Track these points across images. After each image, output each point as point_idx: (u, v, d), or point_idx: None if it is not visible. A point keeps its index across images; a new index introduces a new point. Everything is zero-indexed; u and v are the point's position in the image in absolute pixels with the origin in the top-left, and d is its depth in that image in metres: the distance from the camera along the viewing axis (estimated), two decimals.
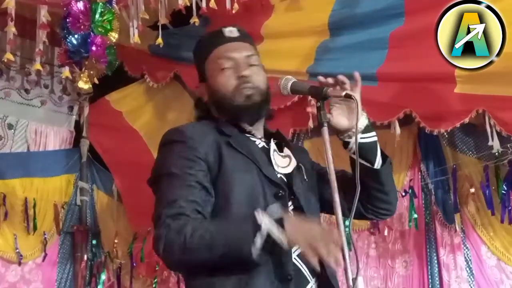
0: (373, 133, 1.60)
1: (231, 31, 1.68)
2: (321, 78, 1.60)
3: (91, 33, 3.12)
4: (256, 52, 1.70)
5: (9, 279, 3.71)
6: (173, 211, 1.45)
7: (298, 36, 3.28)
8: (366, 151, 1.57)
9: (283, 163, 1.62)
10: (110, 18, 3.18)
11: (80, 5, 3.10)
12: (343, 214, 1.43)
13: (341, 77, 1.56)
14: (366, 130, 1.58)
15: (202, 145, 1.54)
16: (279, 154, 1.64)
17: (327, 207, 1.67)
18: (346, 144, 1.61)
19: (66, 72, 3.35)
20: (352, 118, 1.57)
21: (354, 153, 1.58)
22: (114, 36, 3.24)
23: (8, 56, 3.22)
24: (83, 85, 3.24)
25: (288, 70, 2.94)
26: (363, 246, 3.31)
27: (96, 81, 3.34)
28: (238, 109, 1.60)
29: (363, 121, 1.58)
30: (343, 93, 1.53)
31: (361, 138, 1.56)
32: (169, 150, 1.57)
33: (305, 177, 1.65)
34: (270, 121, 1.77)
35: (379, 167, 1.60)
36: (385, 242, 3.28)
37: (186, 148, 1.53)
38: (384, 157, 1.62)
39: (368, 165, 1.59)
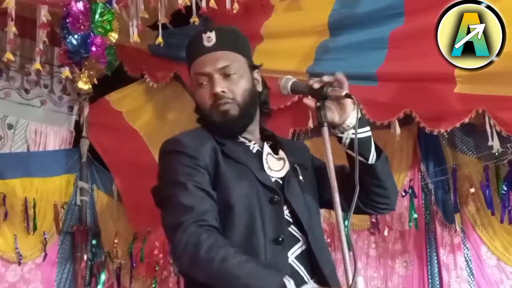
0: (366, 128, 1.59)
1: (209, 38, 1.64)
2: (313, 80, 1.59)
3: (91, 33, 3.12)
4: (237, 56, 1.65)
5: (9, 279, 3.71)
6: (194, 217, 1.46)
7: (298, 36, 3.27)
8: (359, 146, 1.55)
9: (277, 166, 1.62)
10: (110, 18, 3.18)
11: (80, 5, 3.10)
12: (342, 210, 1.43)
13: (340, 76, 1.56)
14: (359, 124, 1.56)
15: (201, 153, 1.55)
16: (274, 157, 1.63)
17: (326, 205, 1.68)
18: (340, 139, 1.60)
19: (66, 72, 3.35)
20: (343, 114, 1.57)
21: (348, 148, 1.58)
22: (114, 36, 3.24)
23: (8, 56, 3.22)
24: (83, 85, 3.24)
25: (288, 70, 2.93)
26: (363, 246, 3.31)
27: (96, 81, 3.34)
28: (217, 125, 1.61)
29: (354, 117, 1.56)
30: (343, 93, 1.53)
31: (353, 134, 1.56)
32: (170, 160, 1.58)
33: (301, 178, 1.64)
34: (270, 121, 1.77)
35: (373, 162, 1.59)
36: (385, 242, 3.28)
37: (186, 157, 1.54)
38: (379, 152, 1.62)
39: (363, 160, 1.58)
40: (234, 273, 1.39)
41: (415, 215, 3.14)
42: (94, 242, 4.02)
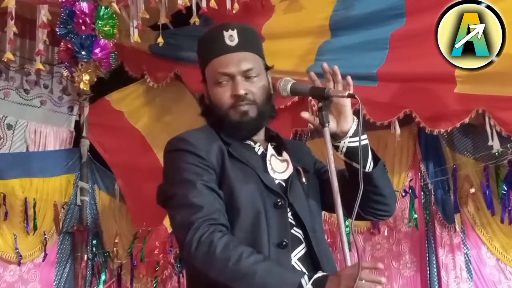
0: (364, 136, 1.57)
1: (231, 37, 1.60)
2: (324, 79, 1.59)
3: (96, 35, 3.13)
4: (257, 58, 1.63)
5: (7, 279, 3.71)
6: (204, 216, 1.45)
7: (299, 36, 3.28)
8: (356, 154, 1.53)
9: (280, 168, 1.61)
10: (112, 23, 3.18)
11: (84, 5, 3.09)
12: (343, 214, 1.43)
13: (349, 80, 1.56)
14: (355, 134, 1.55)
15: (207, 153, 1.54)
16: (277, 158, 1.63)
17: (326, 207, 1.67)
18: (336, 148, 1.58)
19: (66, 71, 3.35)
20: (341, 122, 1.56)
21: (344, 156, 1.57)
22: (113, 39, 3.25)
23: (9, 55, 3.22)
24: (84, 86, 3.23)
25: (289, 70, 2.94)
26: (364, 246, 3.31)
27: (96, 81, 3.35)
28: (232, 126, 1.59)
29: (353, 127, 1.55)
30: (346, 93, 1.52)
31: (349, 142, 1.55)
32: (177, 158, 1.56)
33: (304, 180, 1.64)
34: (271, 122, 1.76)
35: (370, 170, 1.58)
36: (385, 242, 3.28)
37: (194, 156, 1.53)
38: (376, 160, 1.60)
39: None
40: (251, 272, 1.39)
41: (415, 215, 3.14)
42: (94, 242, 4.02)
